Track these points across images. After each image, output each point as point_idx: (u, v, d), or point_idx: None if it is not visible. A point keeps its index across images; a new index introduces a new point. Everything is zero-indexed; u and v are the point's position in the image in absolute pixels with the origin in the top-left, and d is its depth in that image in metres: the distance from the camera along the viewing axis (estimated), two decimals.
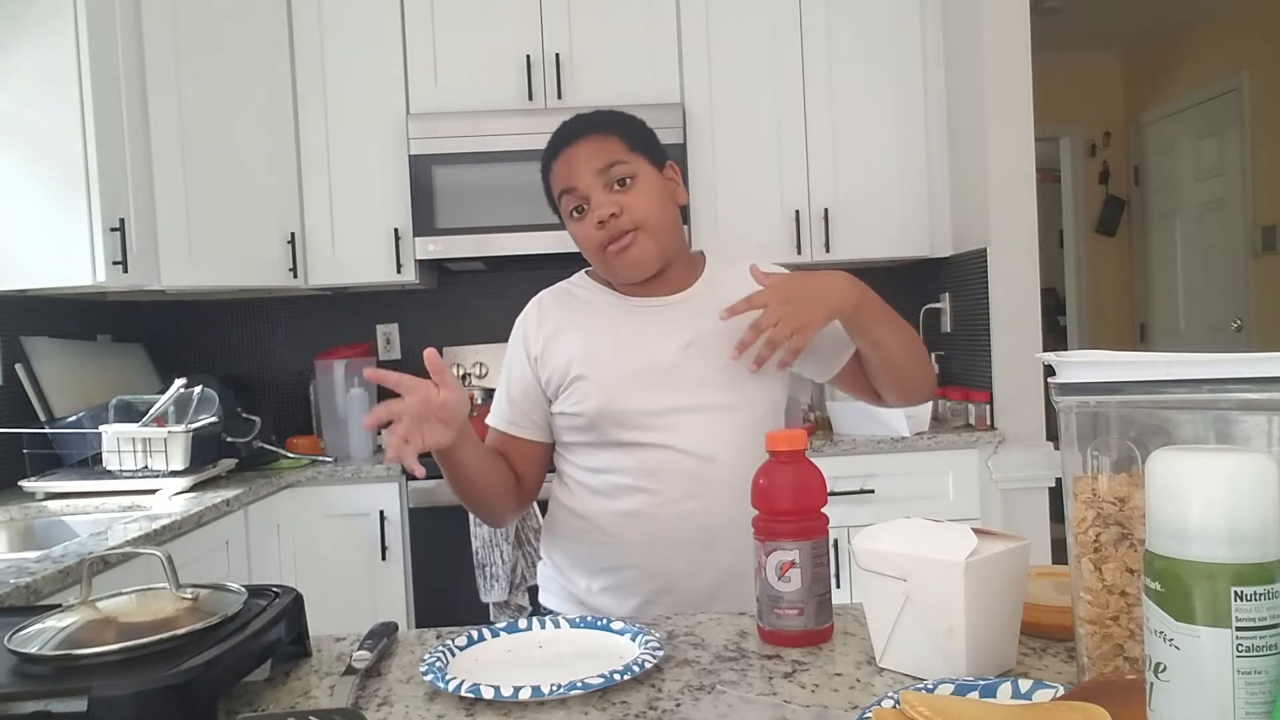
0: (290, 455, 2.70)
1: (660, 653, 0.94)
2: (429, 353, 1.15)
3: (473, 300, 3.26)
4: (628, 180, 1.28)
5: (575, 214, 1.30)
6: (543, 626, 1.06)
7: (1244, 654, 0.58)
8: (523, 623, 1.06)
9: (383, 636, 1.02)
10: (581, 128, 1.32)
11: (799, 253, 2.91)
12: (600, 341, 1.32)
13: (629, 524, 1.29)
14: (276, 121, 2.84)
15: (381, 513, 2.59)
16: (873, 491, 2.62)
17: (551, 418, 1.37)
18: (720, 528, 1.27)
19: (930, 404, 2.80)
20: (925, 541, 0.88)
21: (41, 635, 0.84)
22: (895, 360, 1.29)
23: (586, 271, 1.43)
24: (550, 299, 1.40)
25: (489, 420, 1.42)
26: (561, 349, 1.33)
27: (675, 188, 1.35)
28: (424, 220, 2.80)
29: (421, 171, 2.79)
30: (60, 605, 0.94)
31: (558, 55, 2.87)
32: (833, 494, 1.17)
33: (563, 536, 1.38)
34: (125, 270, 2.36)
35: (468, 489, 1.29)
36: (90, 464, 2.32)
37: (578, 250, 1.37)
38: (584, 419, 1.31)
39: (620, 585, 1.32)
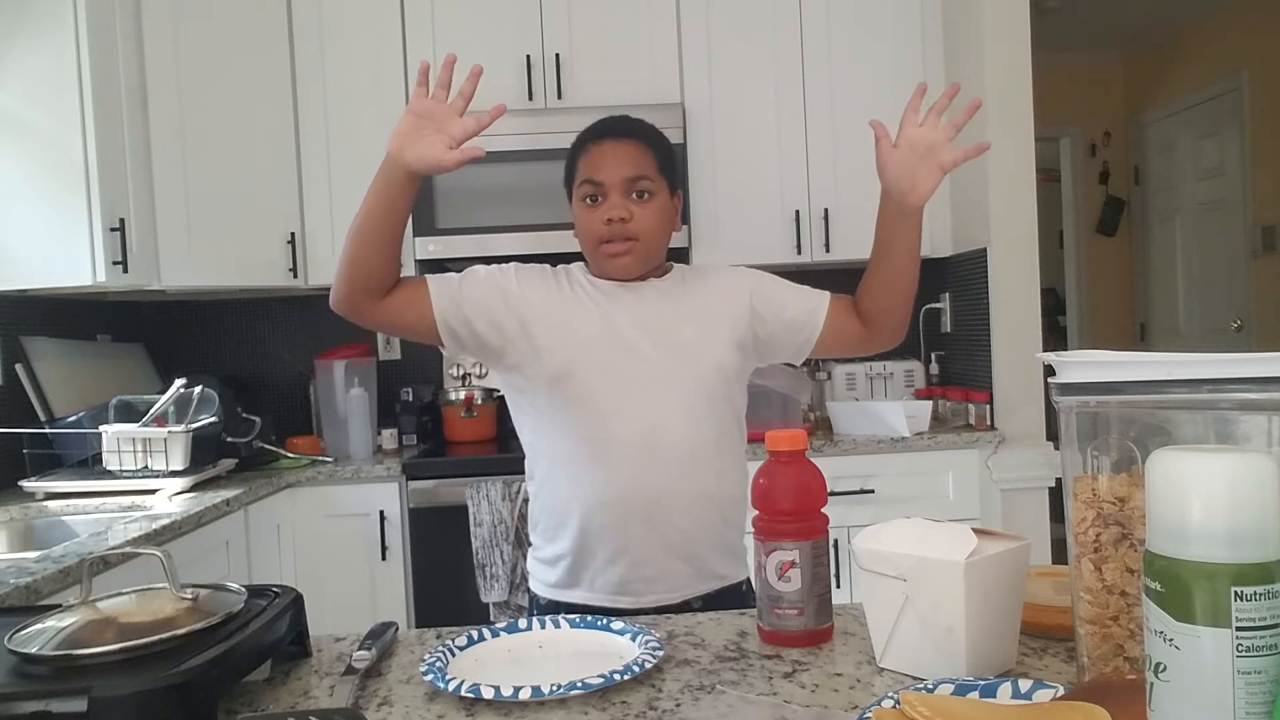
0: (290, 455, 2.70)
1: (660, 653, 0.94)
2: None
3: None
4: (646, 195, 1.38)
5: (588, 201, 1.38)
6: (543, 626, 1.06)
7: (1244, 654, 0.58)
8: (523, 623, 1.06)
9: (382, 636, 1.02)
10: (628, 130, 1.42)
11: (799, 253, 2.91)
12: (566, 307, 1.39)
13: (583, 488, 1.35)
14: (276, 121, 2.84)
15: (381, 513, 2.59)
16: (873, 491, 2.62)
17: (509, 374, 1.42)
18: (670, 495, 1.33)
19: (930, 404, 2.80)
20: (925, 541, 0.88)
21: (41, 635, 0.84)
22: (913, 266, 1.41)
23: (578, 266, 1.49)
24: (550, 270, 1.46)
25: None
26: (537, 302, 1.38)
27: (676, 215, 1.45)
28: (424, 220, 2.79)
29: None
30: (60, 605, 0.94)
31: (558, 55, 2.87)
32: (833, 494, 1.17)
33: (539, 524, 1.44)
34: (125, 270, 2.36)
35: (386, 224, 1.29)
36: (90, 464, 2.32)
37: (576, 251, 1.44)
38: (547, 378, 1.35)
39: (579, 549, 1.37)
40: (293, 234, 2.84)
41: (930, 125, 1.31)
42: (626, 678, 0.88)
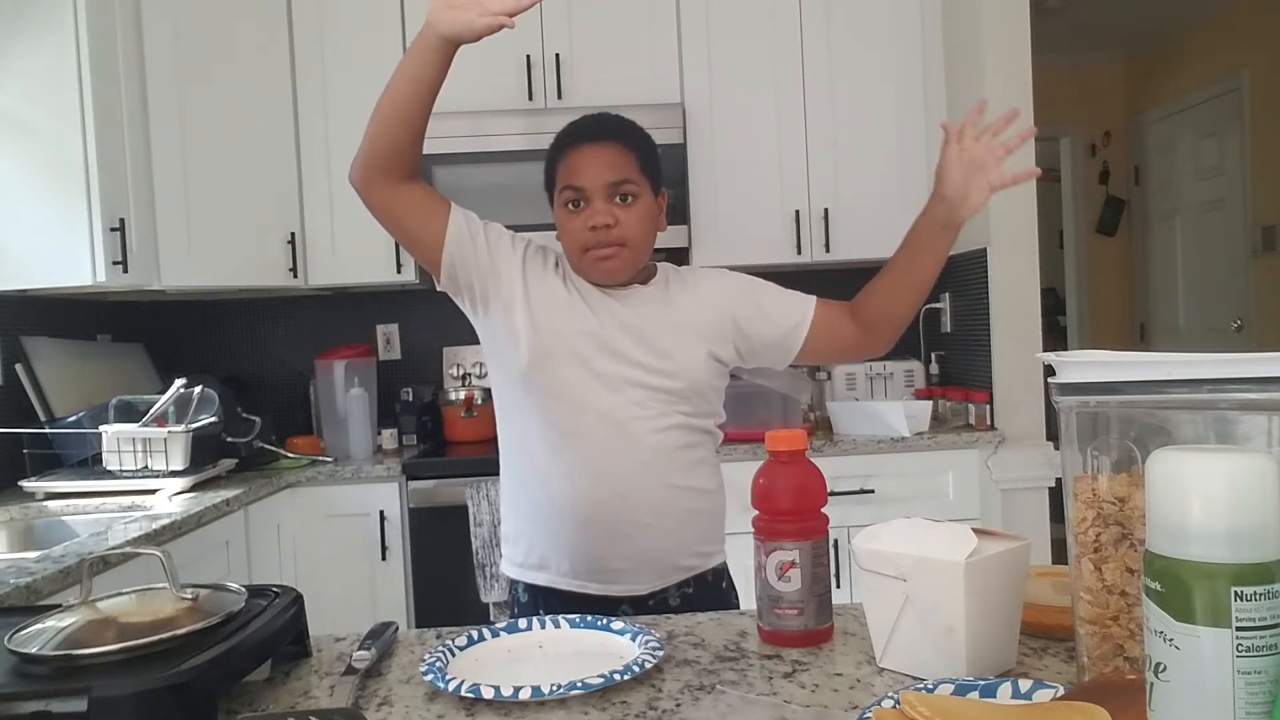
0: (290, 455, 2.70)
1: (660, 653, 0.94)
2: None
3: None
4: (630, 198, 1.36)
5: (571, 206, 1.37)
6: (543, 626, 1.06)
7: (1244, 654, 0.58)
8: (523, 623, 1.06)
9: (382, 636, 1.02)
10: (606, 132, 1.38)
11: (799, 252, 2.91)
12: (557, 301, 1.38)
13: (552, 471, 1.35)
14: (276, 121, 2.84)
15: (381, 513, 2.59)
16: (873, 491, 2.62)
17: (487, 326, 1.40)
18: (636, 494, 1.33)
19: (930, 404, 2.80)
20: (925, 541, 0.88)
21: (41, 635, 0.84)
22: (933, 277, 1.40)
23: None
24: (555, 261, 1.46)
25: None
26: (535, 285, 1.38)
27: (660, 214, 1.43)
28: None
29: (421, 171, 2.78)
30: (60, 605, 0.94)
31: (558, 55, 2.87)
32: (833, 494, 1.17)
33: (508, 500, 1.45)
34: (125, 270, 2.36)
35: (413, 92, 1.32)
36: (90, 464, 2.32)
37: None
38: (524, 360, 1.35)
39: (545, 531, 1.37)
40: (293, 234, 2.84)
41: (984, 143, 1.31)
42: (626, 678, 0.88)
